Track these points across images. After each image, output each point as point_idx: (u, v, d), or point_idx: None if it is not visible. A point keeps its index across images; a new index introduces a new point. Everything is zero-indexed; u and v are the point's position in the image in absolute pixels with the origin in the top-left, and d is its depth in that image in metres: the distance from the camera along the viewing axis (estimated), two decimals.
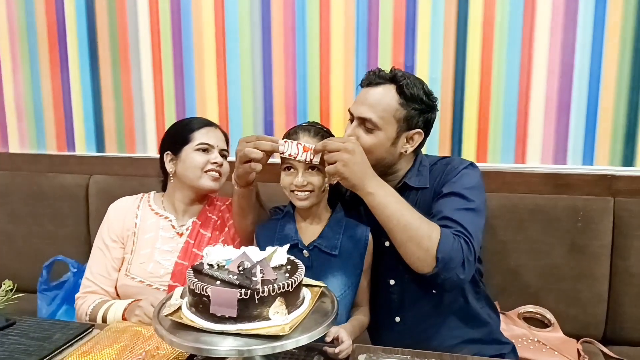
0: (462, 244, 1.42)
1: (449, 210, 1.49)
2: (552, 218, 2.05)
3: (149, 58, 2.54)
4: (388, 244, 1.58)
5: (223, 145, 1.85)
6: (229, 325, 1.05)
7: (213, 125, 1.87)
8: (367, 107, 1.55)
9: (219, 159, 1.79)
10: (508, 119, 2.19)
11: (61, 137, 2.72)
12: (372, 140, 1.53)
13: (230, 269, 1.12)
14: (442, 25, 2.20)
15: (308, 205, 1.52)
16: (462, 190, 1.52)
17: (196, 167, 1.77)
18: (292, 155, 1.46)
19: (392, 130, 1.54)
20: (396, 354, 1.32)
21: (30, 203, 2.57)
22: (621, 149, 2.13)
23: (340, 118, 2.35)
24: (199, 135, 1.80)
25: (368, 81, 1.61)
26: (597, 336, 2.07)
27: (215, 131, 1.84)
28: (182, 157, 1.79)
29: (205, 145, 1.78)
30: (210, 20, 2.43)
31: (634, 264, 2.02)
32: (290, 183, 1.51)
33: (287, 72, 2.39)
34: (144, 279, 1.72)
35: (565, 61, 2.12)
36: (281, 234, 1.58)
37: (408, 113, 1.55)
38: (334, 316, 1.16)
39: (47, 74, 2.67)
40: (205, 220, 1.84)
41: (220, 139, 1.84)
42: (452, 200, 1.52)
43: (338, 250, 1.54)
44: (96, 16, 2.57)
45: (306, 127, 1.56)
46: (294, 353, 1.32)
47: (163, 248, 1.77)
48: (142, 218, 1.83)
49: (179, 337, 1.06)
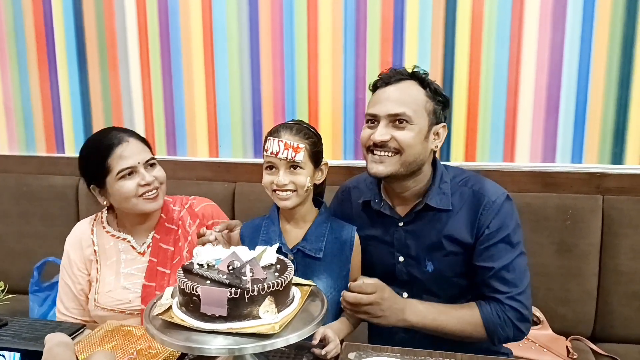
0: (510, 315, 1.48)
1: (500, 264, 1.49)
2: (540, 217, 2.06)
3: (136, 59, 2.53)
4: (402, 259, 1.59)
5: (145, 156, 1.65)
6: (219, 324, 1.05)
7: (124, 139, 1.63)
8: (396, 103, 1.47)
9: (147, 178, 1.62)
10: (496, 117, 2.20)
11: (50, 139, 2.71)
12: (410, 135, 1.46)
13: (220, 269, 1.13)
14: (430, 24, 2.20)
15: (291, 205, 1.49)
16: (509, 233, 1.50)
17: (128, 196, 1.61)
18: (273, 153, 1.45)
19: (424, 123, 1.48)
20: (386, 351, 1.32)
21: (21, 204, 2.57)
22: (610, 147, 2.13)
23: (329, 117, 2.36)
24: (114, 162, 1.60)
25: (386, 80, 1.54)
26: (586, 334, 2.08)
27: (128, 146, 1.63)
28: (109, 190, 1.64)
29: (127, 169, 1.60)
30: (198, 20, 2.43)
31: (622, 262, 2.03)
32: (271, 182, 1.48)
33: (275, 71, 2.39)
34: (114, 307, 1.65)
35: (554, 59, 2.12)
36: (265, 236, 1.56)
37: (435, 106, 1.51)
38: (324, 314, 1.16)
39: (35, 76, 2.67)
40: (165, 232, 1.72)
41: (137, 151, 1.64)
42: (500, 249, 1.49)
43: (322, 253, 1.52)
44: (84, 18, 2.56)
45: (289, 124, 1.53)
46: (285, 352, 1.32)
47: (127, 271, 1.68)
48: (99, 244, 1.72)
49: (170, 337, 1.06)
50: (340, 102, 2.34)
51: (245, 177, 2.40)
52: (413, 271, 1.58)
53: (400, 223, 1.58)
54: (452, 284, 1.57)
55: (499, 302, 1.49)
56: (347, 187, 1.78)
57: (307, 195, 1.54)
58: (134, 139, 1.66)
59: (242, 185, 2.37)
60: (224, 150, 2.51)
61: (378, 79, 1.57)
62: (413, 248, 1.57)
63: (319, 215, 1.59)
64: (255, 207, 2.20)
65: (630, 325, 2.05)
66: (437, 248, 1.54)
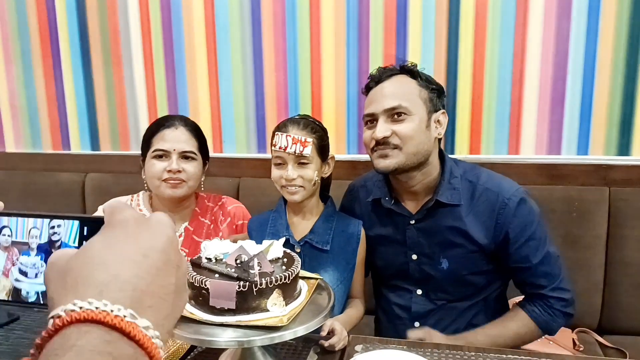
0: (557, 306, 1.52)
1: (535, 260, 1.51)
2: (546, 209, 2.03)
3: (140, 55, 2.54)
4: (415, 257, 1.59)
5: (184, 147, 1.68)
6: (228, 317, 1.06)
7: (175, 125, 1.69)
8: (391, 97, 1.49)
9: (174, 166, 1.65)
10: (501, 109, 2.19)
11: (56, 136, 2.72)
12: (410, 126, 1.47)
13: (228, 262, 1.13)
14: (433, 16, 2.19)
15: (299, 199, 1.51)
16: (534, 230, 1.51)
17: (153, 177, 1.66)
18: (281, 148, 1.46)
19: (422, 111, 1.49)
20: (392, 344, 1.32)
21: (27, 201, 2.58)
22: (616, 138, 2.12)
23: (332, 111, 2.36)
24: (155, 141, 1.67)
25: (376, 79, 1.56)
26: (593, 326, 2.08)
27: (174, 132, 1.68)
28: (145, 165, 1.70)
29: (160, 151, 1.66)
30: (201, 16, 2.44)
31: (629, 254, 2.03)
32: (280, 177, 1.50)
33: (278, 66, 2.39)
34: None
35: (560, 50, 2.11)
36: (273, 229, 1.58)
37: (430, 93, 1.52)
38: (331, 307, 1.17)
39: (40, 74, 2.68)
40: (198, 225, 1.76)
41: (179, 140, 1.68)
42: (531, 247, 1.51)
43: (329, 246, 1.54)
44: (87, 15, 2.57)
45: (296, 119, 1.54)
46: (292, 345, 1.33)
47: None
48: None
49: (180, 329, 1.06)
50: (344, 97, 2.34)
51: (249, 172, 2.40)
52: (427, 269, 1.58)
53: (412, 220, 1.58)
54: (466, 282, 1.57)
55: (543, 298, 1.53)
56: (355, 187, 1.78)
57: (315, 189, 1.56)
58: (183, 128, 1.70)
59: (247, 181, 2.38)
60: (228, 146, 2.51)
61: (369, 79, 1.58)
62: (426, 246, 1.57)
63: (325, 208, 1.60)
64: (259, 202, 2.19)
65: (637, 317, 2.04)
66: (452, 245, 1.54)
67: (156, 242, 0.45)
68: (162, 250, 0.45)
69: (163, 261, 0.44)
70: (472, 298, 1.58)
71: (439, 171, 1.57)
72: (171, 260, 0.46)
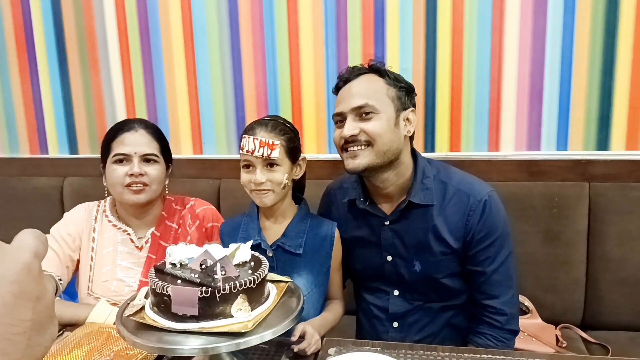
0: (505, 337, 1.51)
1: (492, 268, 1.50)
2: (527, 205, 2.05)
3: (117, 58, 2.51)
4: (390, 259, 1.58)
5: (145, 150, 1.62)
6: (191, 324, 1.04)
7: (134, 128, 1.64)
8: (358, 96, 1.48)
9: (135, 170, 1.59)
10: (480, 106, 2.18)
11: (34, 141, 2.69)
12: (377, 124, 1.46)
13: (192, 268, 1.11)
14: (411, 15, 2.18)
15: (269, 203, 1.48)
16: (497, 236, 1.50)
17: (116, 183, 1.60)
18: (249, 151, 1.44)
19: (390, 110, 1.48)
20: (366, 346, 1.31)
21: (5, 206, 2.55)
22: (595, 134, 2.12)
23: (312, 111, 2.34)
24: (115, 145, 1.61)
25: (345, 79, 1.56)
26: (576, 322, 2.07)
27: (133, 136, 1.62)
28: (106, 171, 1.64)
29: (121, 155, 1.60)
30: (178, 16, 2.41)
31: (610, 249, 2.02)
32: (249, 181, 1.47)
33: (257, 66, 2.37)
34: (108, 298, 1.59)
35: (537, 47, 2.11)
36: (245, 233, 1.55)
37: (398, 92, 1.51)
38: (299, 310, 1.15)
39: (16, 78, 2.64)
40: (165, 229, 1.70)
41: (139, 143, 1.62)
42: (490, 253, 1.50)
43: (302, 249, 1.51)
44: (63, 18, 2.54)
45: (264, 121, 1.51)
46: (264, 349, 1.31)
47: (124, 264, 1.64)
48: (99, 231, 1.68)
49: (142, 338, 1.04)
50: (324, 96, 2.32)
51: (230, 173, 2.38)
52: (401, 271, 1.57)
53: (386, 222, 1.57)
54: (441, 285, 1.55)
55: (492, 326, 1.51)
56: (332, 189, 1.77)
57: (286, 192, 1.53)
58: (144, 131, 1.64)
59: (228, 182, 2.35)
60: (208, 147, 2.49)
61: (337, 79, 1.58)
62: (400, 247, 1.56)
63: (298, 211, 1.57)
64: (241, 204, 2.15)
65: (619, 312, 2.04)
66: (425, 248, 1.53)
67: (6, 271, 0.39)
68: (14, 281, 0.39)
69: (14, 294, 0.39)
70: (449, 300, 1.57)
71: (412, 171, 1.56)
72: (26, 292, 0.40)
